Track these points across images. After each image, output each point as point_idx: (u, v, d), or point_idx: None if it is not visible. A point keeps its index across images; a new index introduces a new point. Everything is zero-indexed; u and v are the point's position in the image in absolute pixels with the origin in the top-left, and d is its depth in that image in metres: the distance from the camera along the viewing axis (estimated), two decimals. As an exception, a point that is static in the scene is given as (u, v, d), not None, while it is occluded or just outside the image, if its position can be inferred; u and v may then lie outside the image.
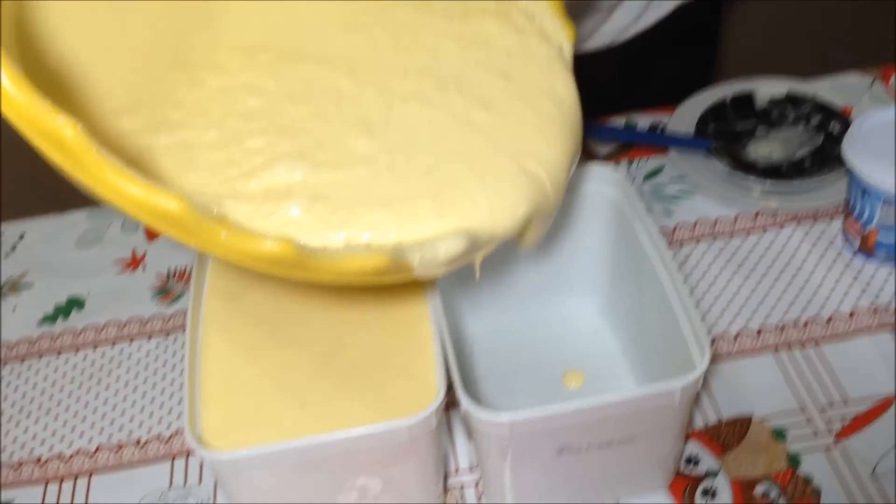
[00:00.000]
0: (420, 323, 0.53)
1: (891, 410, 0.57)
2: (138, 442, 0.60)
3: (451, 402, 0.49)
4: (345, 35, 0.48)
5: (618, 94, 0.83)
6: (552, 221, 0.49)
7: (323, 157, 0.43)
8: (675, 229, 0.71)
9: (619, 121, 0.80)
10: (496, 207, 0.43)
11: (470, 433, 0.53)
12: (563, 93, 0.49)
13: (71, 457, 0.59)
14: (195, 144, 0.43)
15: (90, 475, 0.59)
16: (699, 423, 0.58)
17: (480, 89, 0.47)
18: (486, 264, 0.47)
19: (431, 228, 0.42)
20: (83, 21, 0.45)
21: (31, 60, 0.40)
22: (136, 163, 0.41)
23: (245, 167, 0.42)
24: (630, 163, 0.77)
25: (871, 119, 0.65)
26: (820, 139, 0.74)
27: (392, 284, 0.53)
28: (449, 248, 0.41)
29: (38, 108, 0.31)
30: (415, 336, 0.52)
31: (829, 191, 0.71)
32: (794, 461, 0.55)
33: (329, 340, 0.53)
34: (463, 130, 0.45)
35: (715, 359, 0.61)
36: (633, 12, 0.82)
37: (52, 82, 0.37)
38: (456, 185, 0.43)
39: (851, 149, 0.63)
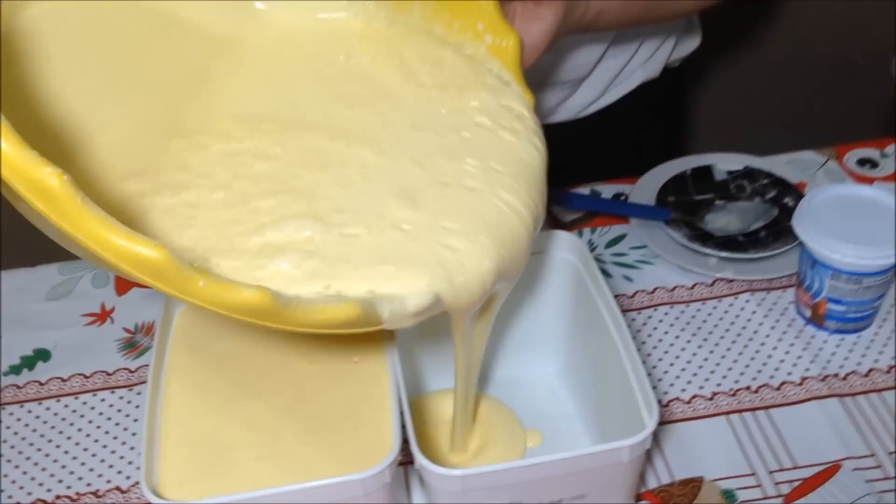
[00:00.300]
0: (379, 379, 0.54)
1: (838, 475, 0.59)
2: (97, 493, 0.60)
3: (410, 460, 0.50)
4: (349, 109, 0.51)
5: (583, 164, 0.86)
6: (514, 284, 0.51)
7: (341, 219, 0.44)
8: (634, 295, 0.73)
9: (584, 190, 0.83)
10: (463, 268, 0.45)
11: (425, 490, 0.54)
12: (532, 158, 0.51)
13: (28, 507, 0.60)
14: (200, 204, 0.45)
15: (46, 526, 0.59)
16: (651, 482, 0.59)
17: (460, 164, 0.49)
18: (448, 323, 0.49)
19: (401, 284, 0.43)
20: (81, 85, 0.47)
21: (31, 127, 0.42)
22: (135, 222, 0.42)
23: (251, 225, 0.44)
24: (593, 231, 0.79)
25: (821, 194, 0.68)
26: (775, 212, 0.77)
27: (359, 335, 0.55)
28: (418, 302, 0.43)
29: (26, 157, 0.32)
30: (374, 392, 0.54)
31: (782, 262, 0.73)
32: (743, 524, 0.56)
33: (290, 393, 0.54)
34: (443, 203, 0.47)
35: (669, 421, 0.63)
36: (596, 89, 0.86)
37: (55, 151, 0.38)
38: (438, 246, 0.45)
39: (802, 222, 0.66)
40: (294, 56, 0.53)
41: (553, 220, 0.80)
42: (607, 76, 0.85)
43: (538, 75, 0.55)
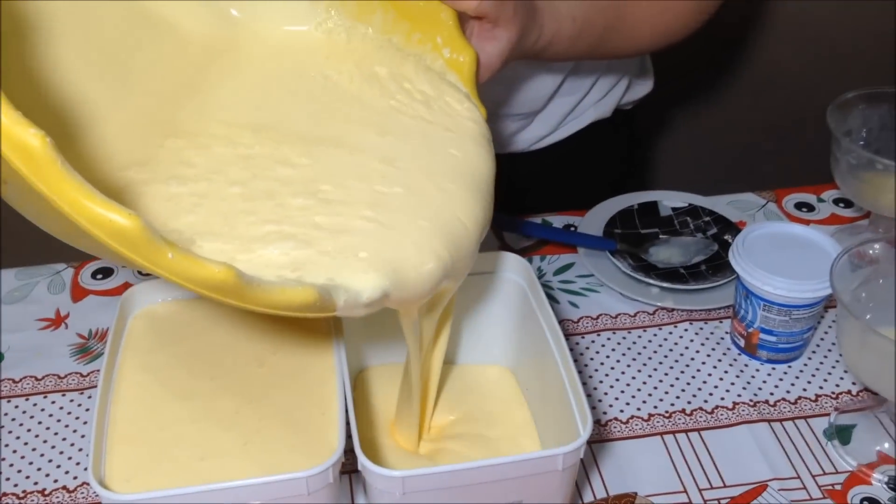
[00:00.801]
0: (326, 381, 0.56)
1: (764, 494, 0.61)
2: (43, 492, 0.61)
3: (354, 468, 0.51)
4: (336, 123, 0.53)
5: (536, 195, 0.89)
6: (459, 284, 0.54)
7: (333, 221, 0.47)
8: (579, 321, 0.76)
9: (535, 219, 0.86)
10: (413, 267, 0.48)
11: (367, 492, 0.55)
12: (482, 168, 0.54)
13: (-28, 503, 0.60)
14: (211, 195, 0.47)
15: (-11, 523, 0.59)
16: (588, 496, 0.61)
17: (417, 168, 0.52)
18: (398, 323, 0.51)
19: (357, 277, 0.45)
20: (80, 73, 0.49)
21: (31, 103, 0.43)
22: (132, 204, 0.44)
23: (270, 216, 0.46)
24: (542, 258, 0.82)
25: (756, 230, 0.72)
26: (715, 248, 0.81)
27: (308, 332, 0.57)
28: (370, 294, 0.45)
29: (11, 116, 0.33)
30: (320, 393, 0.55)
31: (720, 294, 0.77)
32: (672, 538, 0.59)
33: (238, 395, 0.56)
34: (403, 206, 0.50)
35: (607, 439, 0.65)
36: (548, 124, 0.90)
37: (54, 133, 0.39)
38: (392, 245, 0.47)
39: (737, 256, 0.70)
40: (277, 68, 0.55)
41: (505, 247, 0.83)
42: (560, 112, 0.89)
43: (493, 106, 0.58)
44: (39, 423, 0.66)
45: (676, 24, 0.74)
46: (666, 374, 0.71)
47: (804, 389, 0.70)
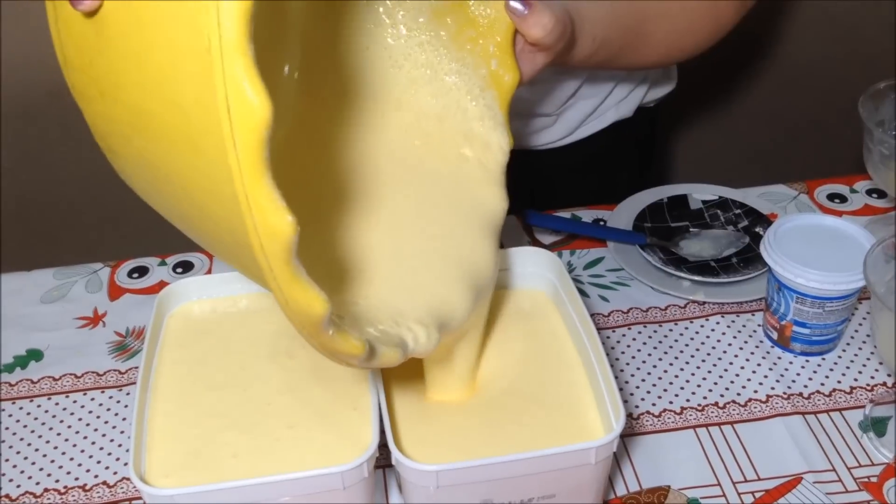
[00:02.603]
0: (357, 373, 0.56)
1: (799, 487, 0.61)
2: (84, 487, 0.62)
3: (388, 463, 0.52)
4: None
5: (564, 190, 0.90)
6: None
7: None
8: (610, 314, 0.76)
9: (564, 214, 0.86)
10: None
11: (401, 487, 0.56)
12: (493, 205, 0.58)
13: (17, 498, 0.61)
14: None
15: (33, 517, 0.60)
16: (621, 490, 0.61)
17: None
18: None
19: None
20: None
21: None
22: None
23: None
24: (572, 253, 0.82)
25: (788, 222, 0.71)
26: (746, 240, 0.81)
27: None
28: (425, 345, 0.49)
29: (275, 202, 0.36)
30: (353, 387, 0.56)
31: (752, 287, 0.76)
32: (706, 531, 0.59)
33: (275, 389, 0.57)
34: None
35: (639, 433, 0.65)
36: (570, 125, 0.90)
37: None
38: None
39: (769, 248, 0.69)
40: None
41: (535, 243, 0.83)
42: (581, 112, 0.89)
43: (515, 104, 0.59)
44: (79, 419, 0.67)
45: (691, 44, 0.74)
46: (698, 368, 0.71)
47: (839, 382, 0.69)
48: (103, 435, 0.66)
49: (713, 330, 0.74)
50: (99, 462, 0.64)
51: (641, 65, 0.76)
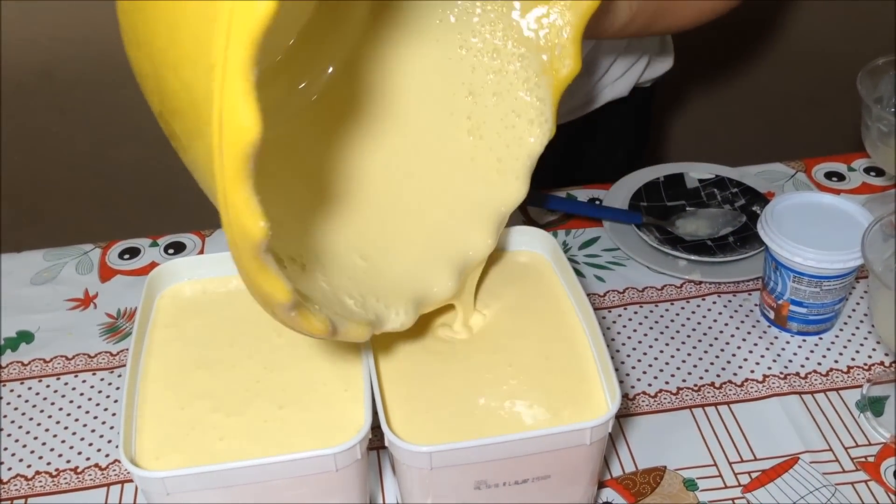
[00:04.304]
0: (352, 357, 0.56)
1: (796, 467, 0.61)
2: (76, 470, 0.62)
3: (381, 445, 0.51)
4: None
5: (559, 170, 0.89)
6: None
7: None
8: (605, 294, 0.75)
9: (560, 193, 0.85)
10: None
11: (394, 469, 0.55)
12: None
13: (8, 481, 0.61)
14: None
15: (26, 500, 0.60)
16: (616, 470, 0.61)
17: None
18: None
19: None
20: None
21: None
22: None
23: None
24: (567, 232, 0.81)
25: (785, 201, 0.71)
26: (743, 219, 0.80)
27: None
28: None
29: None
30: (344, 367, 0.56)
31: (749, 266, 0.76)
32: (702, 511, 0.59)
33: (264, 369, 0.56)
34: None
35: (635, 413, 0.65)
36: (569, 101, 0.88)
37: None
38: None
39: (766, 227, 0.69)
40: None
41: (530, 222, 0.82)
42: (578, 92, 0.88)
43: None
44: (71, 401, 0.66)
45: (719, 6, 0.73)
46: (694, 348, 0.70)
47: (836, 361, 0.69)
48: (95, 417, 0.65)
49: (709, 310, 0.73)
50: (90, 444, 0.63)
51: (675, 28, 0.75)
